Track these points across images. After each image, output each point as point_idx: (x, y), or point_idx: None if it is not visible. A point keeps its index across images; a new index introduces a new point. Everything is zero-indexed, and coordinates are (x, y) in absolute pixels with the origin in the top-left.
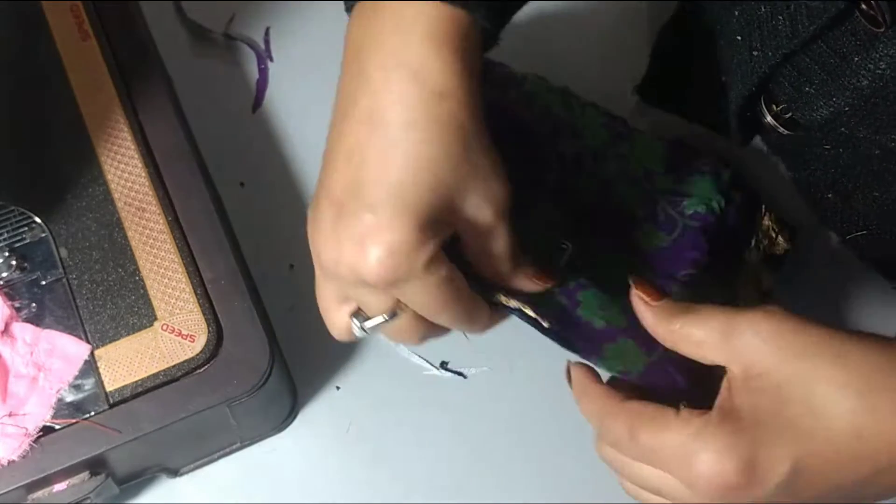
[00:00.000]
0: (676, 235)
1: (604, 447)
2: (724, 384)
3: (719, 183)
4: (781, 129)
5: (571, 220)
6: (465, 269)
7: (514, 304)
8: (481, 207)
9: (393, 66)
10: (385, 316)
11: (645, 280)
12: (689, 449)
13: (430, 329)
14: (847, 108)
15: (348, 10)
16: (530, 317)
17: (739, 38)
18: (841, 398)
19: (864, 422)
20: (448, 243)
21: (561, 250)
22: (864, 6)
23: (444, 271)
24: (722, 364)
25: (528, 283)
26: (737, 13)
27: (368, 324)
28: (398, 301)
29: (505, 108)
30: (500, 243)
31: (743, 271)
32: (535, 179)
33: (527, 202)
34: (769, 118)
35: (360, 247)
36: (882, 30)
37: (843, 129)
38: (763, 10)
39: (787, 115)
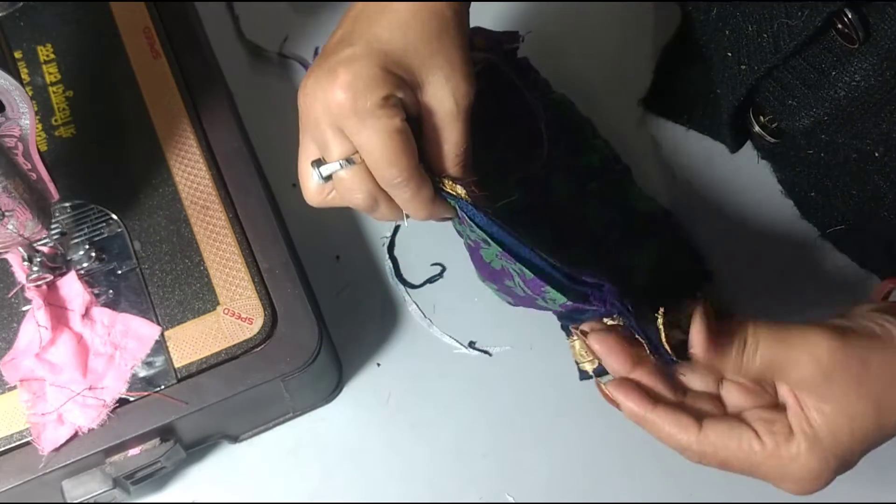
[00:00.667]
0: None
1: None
2: (793, 401)
3: (664, 259)
4: (768, 138)
5: (533, 205)
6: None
7: (458, 190)
8: (443, 90)
9: None
10: (341, 162)
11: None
12: (787, 475)
13: (378, 192)
14: (826, 118)
15: None
16: (469, 204)
17: (730, 54)
18: None
19: None
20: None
21: (508, 196)
22: (839, 25)
23: (398, 121)
24: (796, 382)
25: (466, 188)
26: (727, 32)
27: (325, 169)
28: (355, 154)
29: (524, 99)
30: (454, 136)
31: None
32: (521, 157)
33: (501, 167)
34: (757, 128)
35: (331, 73)
36: (856, 46)
37: (823, 135)
38: (750, 29)
39: (774, 125)
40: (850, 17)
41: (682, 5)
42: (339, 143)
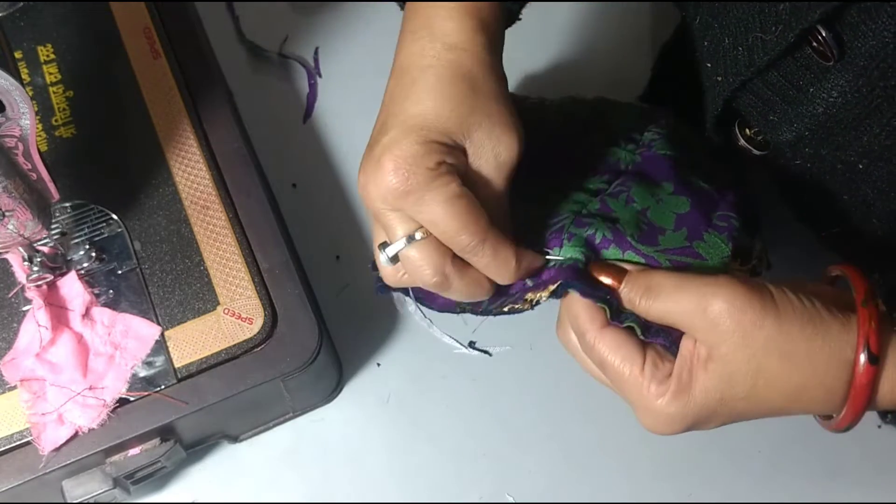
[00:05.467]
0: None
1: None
2: (687, 350)
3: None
4: (754, 151)
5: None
6: None
7: None
8: (484, 147)
9: (419, 30)
10: (405, 239)
11: (601, 264)
12: (645, 407)
13: (447, 266)
14: (807, 133)
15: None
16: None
17: (709, 65)
18: (778, 395)
19: (790, 407)
20: None
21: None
22: (814, 43)
23: (455, 185)
24: (695, 336)
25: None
26: (706, 44)
27: (390, 249)
28: (418, 230)
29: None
30: (494, 194)
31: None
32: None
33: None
34: (742, 142)
35: (378, 164)
36: (831, 63)
37: (807, 149)
38: (727, 41)
39: (759, 138)
40: (823, 34)
41: (680, 6)
42: (402, 225)
